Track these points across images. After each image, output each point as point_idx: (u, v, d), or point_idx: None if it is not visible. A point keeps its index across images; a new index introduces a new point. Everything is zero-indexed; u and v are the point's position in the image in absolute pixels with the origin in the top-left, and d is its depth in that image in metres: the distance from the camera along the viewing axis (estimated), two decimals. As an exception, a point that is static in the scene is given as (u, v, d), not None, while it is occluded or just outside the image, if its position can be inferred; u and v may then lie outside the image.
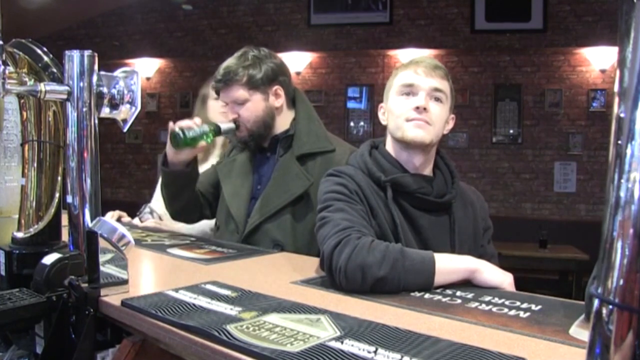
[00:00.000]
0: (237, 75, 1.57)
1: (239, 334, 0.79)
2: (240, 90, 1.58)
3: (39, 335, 1.06)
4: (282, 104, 1.65)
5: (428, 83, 1.25)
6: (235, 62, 1.59)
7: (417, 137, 1.24)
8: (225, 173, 1.72)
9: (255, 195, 1.65)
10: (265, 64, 1.61)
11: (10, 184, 1.27)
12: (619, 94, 0.40)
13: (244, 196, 1.65)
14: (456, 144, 5.51)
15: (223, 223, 1.70)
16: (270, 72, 1.61)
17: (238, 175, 1.69)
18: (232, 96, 1.59)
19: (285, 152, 1.63)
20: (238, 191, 1.66)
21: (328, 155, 1.60)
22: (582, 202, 5.31)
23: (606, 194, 0.41)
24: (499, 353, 0.73)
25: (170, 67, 6.38)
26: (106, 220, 1.03)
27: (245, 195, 1.65)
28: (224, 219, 1.69)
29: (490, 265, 1.13)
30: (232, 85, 1.58)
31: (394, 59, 5.65)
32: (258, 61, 1.60)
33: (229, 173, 1.72)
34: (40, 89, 1.03)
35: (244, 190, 1.66)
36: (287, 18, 6.02)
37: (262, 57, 1.62)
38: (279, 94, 1.63)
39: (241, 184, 1.67)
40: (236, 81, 1.57)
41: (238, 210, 1.64)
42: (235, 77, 1.57)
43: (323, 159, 1.59)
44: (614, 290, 0.39)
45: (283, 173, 1.60)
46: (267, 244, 1.58)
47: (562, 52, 5.32)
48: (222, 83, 1.59)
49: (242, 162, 1.71)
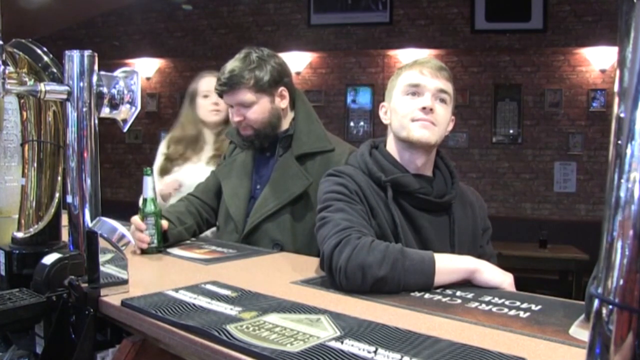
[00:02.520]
0: (244, 79, 1.56)
1: (239, 334, 0.79)
2: (248, 94, 1.57)
3: (39, 335, 1.06)
4: (287, 105, 1.65)
5: (434, 84, 1.25)
6: (240, 65, 1.58)
7: (423, 138, 1.24)
8: (225, 174, 1.72)
9: (255, 195, 1.65)
10: (269, 64, 1.60)
11: (10, 184, 1.26)
12: (619, 94, 0.40)
13: (243, 196, 1.65)
14: (456, 144, 5.50)
15: (223, 223, 1.70)
16: (276, 74, 1.60)
17: (237, 175, 1.69)
18: (238, 99, 1.58)
19: (285, 152, 1.63)
20: (237, 191, 1.66)
21: (327, 155, 1.60)
22: (582, 202, 5.31)
23: (606, 194, 0.41)
24: (499, 353, 0.73)
25: (170, 67, 6.37)
26: (106, 220, 1.03)
27: (244, 195, 1.65)
28: (223, 219, 1.69)
29: (490, 265, 1.13)
30: (238, 89, 1.57)
31: (394, 59, 5.65)
32: (263, 63, 1.59)
33: (228, 174, 1.72)
34: (40, 89, 1.03)
35: (243, 190, 1.66)
36: (287, 18, 6.01)
37: (266, 58, 1.62)
38: (284, 95, 1.64)
39: (240, 184, 1.67)
40: (243, 84, 1.56)
41: (237, 210, 1.64)
42: (241, 81, 1.56)
43: (322, 159, 1.59)
44: (614, 290, 0.39)
45: (282, 173, 1.60)
46: (266, 244, 1.57)
47: (562, 52, 5.31)
48: (228, 87, 1.57)
49: (241, 163, 1.71)
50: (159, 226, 1.49)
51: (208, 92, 2.21)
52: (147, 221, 1.46)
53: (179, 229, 1.58)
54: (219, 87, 1.60)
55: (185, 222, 1.62)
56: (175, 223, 1.58)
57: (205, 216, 1.73)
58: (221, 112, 2.22)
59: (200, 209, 1.72)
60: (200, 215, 1.71)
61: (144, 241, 1.45)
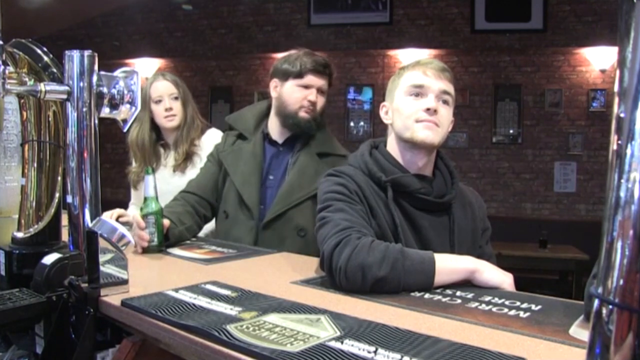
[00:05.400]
0: (330, 70, 1.74)
1: (239, 334, 0.79)
2: (326, 84, 1.74)
3: (39, 335, 1.06)
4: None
5: (437, 85, 1.25)
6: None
7: (427, 139, 1.24)
8: (232, 161, 1.77)
9: (268, 184, 1.73)
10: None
11: (10, 184, 1.26)
12: (619, 94, 0.40)
13: (255, 183, 1.71)
14: (456, 144, 5.50)
15: (233, 210, 1.72)
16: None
17: (246, 163, 1.74)
18: (322, 85, 1.73)
19: (302, 148, 1.74)
20: (248, 179, 1.72)
21: (341, 160, 1.67)
22: (582, 202, 5.31)
23: (606, 194, 0.41)
24: (499, 353, 0.73)
25: (170, 67, 6.37)
26: (106, 220, 1.03)
27: (255, 182, 1.71)
28: (233, 207, 1.72)
29: (490, 265, 1.13)
30: (326, 77, 1.73)
31: (394, 59, 5.65)
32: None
33: (236, 161, 1.76)
34: (40, 89, 1.03)
35: (254, 177, 1.72)
36: (287, 18, 6.01)
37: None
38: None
39: (251, 172, 1.72)
40: (329, 75, 1.74)
41: (250, 196, 1.69)
42: (330, 71, 1.74)
43: (336, 162, 1.67)
44: (614, 290, 0.39)
45: (307, 165, 1.70)
46: (290, 230, 1.65)
47: (562, 52, 5.31)
48: (328, 70, 1.73)
49: (250, 152, 1.75)
50: (160, 225, 1.50)
51: (160, 97, 2.09)
52: (147, 220, 1.48)
53: (180, 229, 1.60)
54: (321, 67, 1.71)
55: (185, 223, 1.64)
56: (177, 223, 1.60)
57: (202, 212, 1.75)
58: (176, 116, 2.10)
59: (196, 205, 1.73)
60: (197, 213, 1.73)
61: (144, 239, 1.47)
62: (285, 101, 1.71)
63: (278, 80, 1.74)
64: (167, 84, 2.12)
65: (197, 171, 2.09)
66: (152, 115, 2.12)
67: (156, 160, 2.15)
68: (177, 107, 2.10)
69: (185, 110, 2.12)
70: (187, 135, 2.11)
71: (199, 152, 2.12)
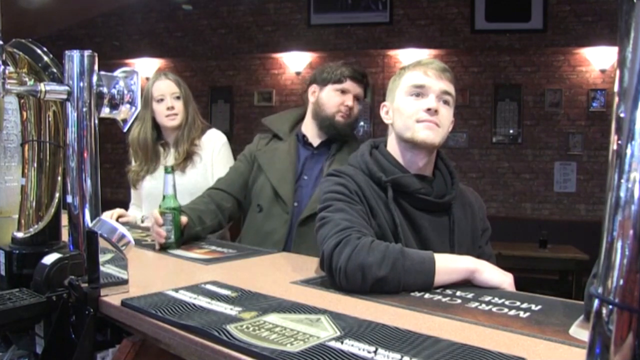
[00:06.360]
0: (367, 80, 1.86)
1: (239, 334, 0.79)
2: (363, 92, 1.84)
3: (39, 335, 1.06)
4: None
5: (438, 85, 1.26)
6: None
7: (427, 139, 1.25)
8: (269, 159, 1.85)
9: (302, 184, 1.81)
10: None
11: (10, 184, 1.26)
12: (619, 94, 0.40)
13: (290, 181, 1.79)
14: (456, 144, 5.50)
15: (268, 204, 1.79)
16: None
17: (282, 162, 1.83)
18: (359, 93, 1.83)
19: (337, 152, 1.82)
20: (285, 176, 1.80)
21: None
22: (582, 202, 5.31)
23: (606, 194, 0.41)
24: (499, 353, 0.73)
25: (170, 67, 6.36)
26: (106, 220, 1.03)
27: (291, 180, 1.79)
28: (268, 201, 1.79)
29: (490, 265, 1.13)
30: (363, 86, 1.83)
31: (394, 59, 5.65)
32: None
33: (272, 159, 1.85)
34: (40, 89, 1.03)
35: (290, 175, 1.80)
36: (287, 18, 6.01)
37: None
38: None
39: (287, 169, 1.81)
40: (366, 85, 1.85)
41: (286, 192, 1.77)
42: (367, 82, 1.86)
43: None
44: (614, 290, 0.39)
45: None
46: None
47: (562, 52, 5.31)
48: (362, 82, 1.83)
49: (286, 152, 1.85)
50: (177, 222, 1.54)
51: (162, 96, 2.09)
52: (165, 217, 1.52)
53: (197, 229, 1.65)
54: (359, 75, 1.82)
55: (204, 222, 1.69)
56: (196, 222, 1.65)
57: (229, 209, 1.80)
58: (178, 115, 2.09)
59: (222, 202, 1.79)
60: (221, 210, 1.77)
61: (161, 236, 1.51)
62: (324, 105, 1.80)
63: (317, 85, 1.84)
64: (170, 83, 2.12)
65: (197, 171, 2.09)
66: (153, 115, 2.12)
67: (156, 159, 2.15)
68: (179, 107, 2.10)
69: (187, 110, 2.13)
70: (187, 135, 2.11)
71: (199, 152, 2.12)
